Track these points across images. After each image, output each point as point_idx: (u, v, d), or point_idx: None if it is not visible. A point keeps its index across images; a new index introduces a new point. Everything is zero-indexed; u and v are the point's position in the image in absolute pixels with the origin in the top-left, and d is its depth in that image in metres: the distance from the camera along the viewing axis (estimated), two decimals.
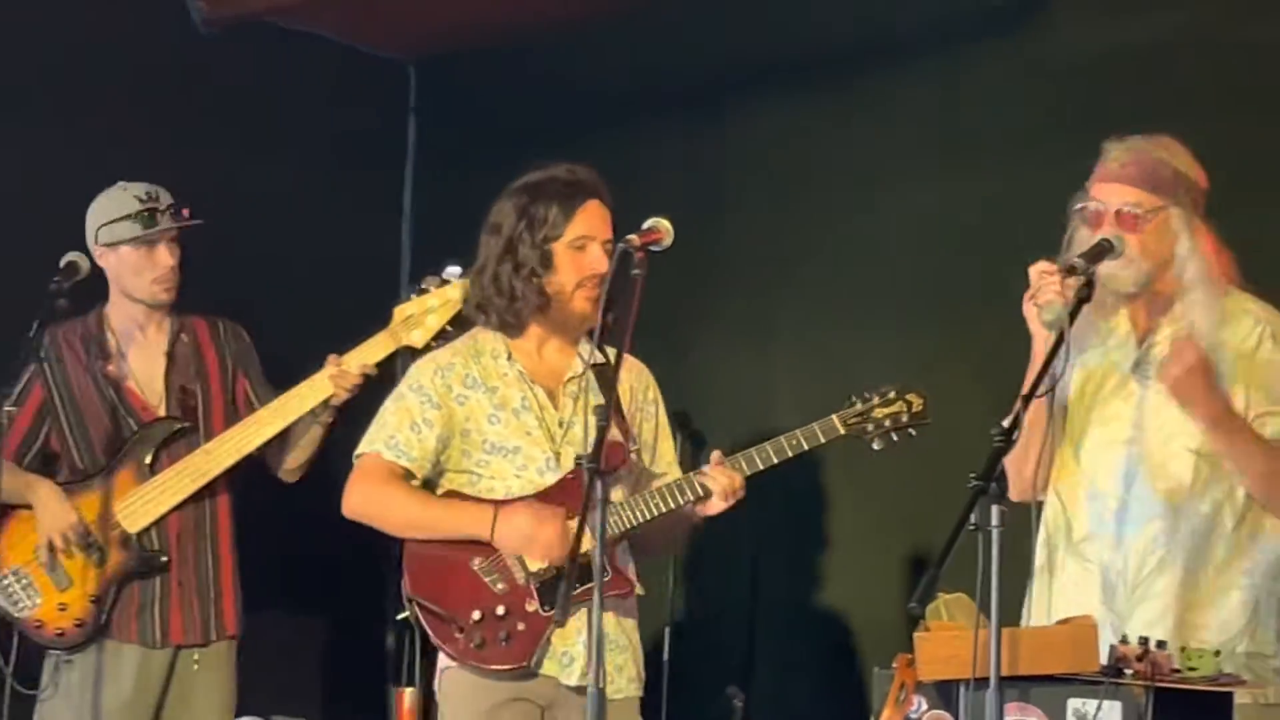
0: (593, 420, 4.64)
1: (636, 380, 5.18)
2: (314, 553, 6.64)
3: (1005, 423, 4.10)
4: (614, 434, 4.89)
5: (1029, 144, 7.16)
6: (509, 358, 5.03)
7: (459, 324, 5.39)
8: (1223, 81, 6.88)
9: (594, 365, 5.02)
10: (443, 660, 5.01)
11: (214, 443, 5.99)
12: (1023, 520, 4.57)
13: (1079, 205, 4.55)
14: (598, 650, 4.20)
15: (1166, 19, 6.99)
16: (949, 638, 4.14)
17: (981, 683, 3.94)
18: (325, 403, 5.89)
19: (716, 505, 4.90)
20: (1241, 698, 4.27)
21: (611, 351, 5.00)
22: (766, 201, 7.18)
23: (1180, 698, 4.08)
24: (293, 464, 6.11)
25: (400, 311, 5.68)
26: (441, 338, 5.43)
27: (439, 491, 5.05)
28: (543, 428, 5.01)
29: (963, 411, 5.07)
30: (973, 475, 4.00)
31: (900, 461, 7.02)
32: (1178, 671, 4.12)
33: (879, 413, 4.89)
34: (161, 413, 6.06)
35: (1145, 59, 7.04)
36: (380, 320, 5.70)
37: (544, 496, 4.93)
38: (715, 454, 4.94)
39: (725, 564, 6.71)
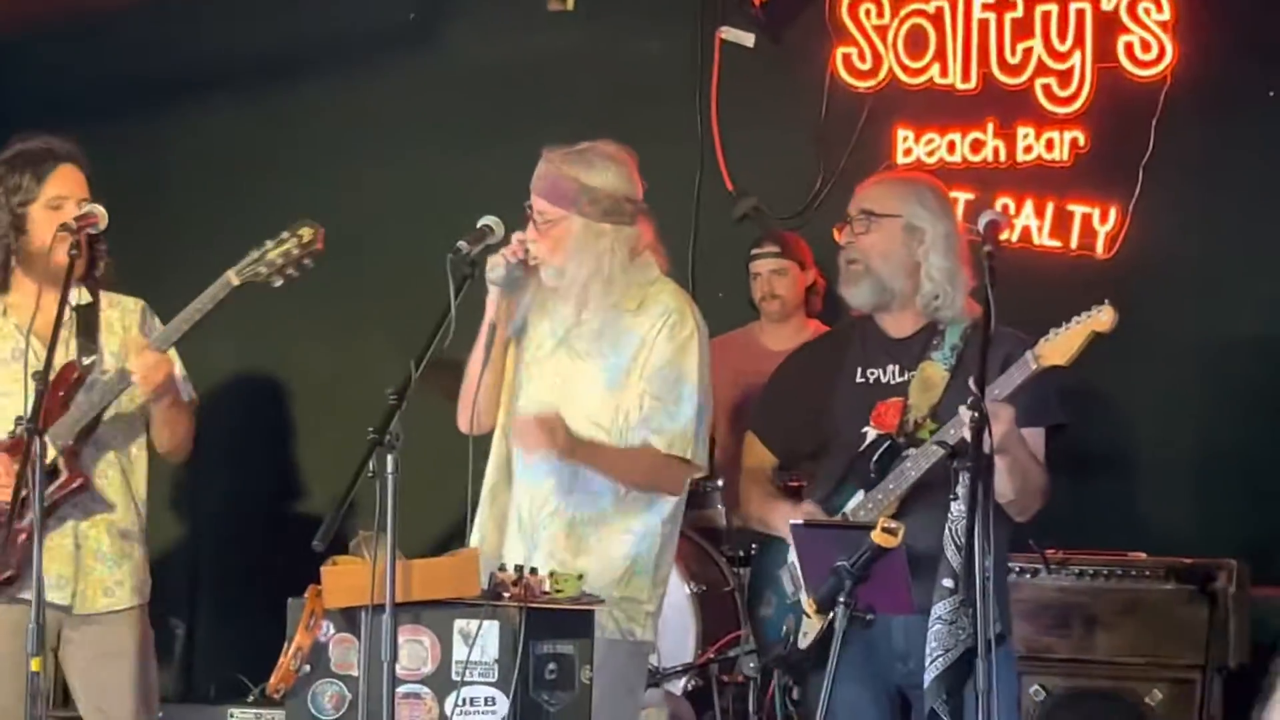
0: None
1: (123, 317, 4.93)
2: None
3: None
4: (70, 356, 4.74)
5: (442, 140, 7.22)
6: (3, 313, 4.77)
7: None
8: (607, 89, 7.07)
9: (79, 306, 4.82)
10: None
11: None
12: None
13: (527, 205, 4.54)
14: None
15: (558, 36, 7.14)
16: (352, 570, 4.12)
17: (379, 608, 3.93)
18: None
19: (144, 387, 4.69)
20: (613, 635, 4.40)
21: (114, 297, 4.87)
22: (205, 195, 7.08)
23: (550, 615, 4.15)
24: None
25: None
26: None
27: None
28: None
29: (387, 371, 5.03)
30: (371, 429, 3.96)
31: (332, 417, 7.03)
32: (547, 593, 4.19)
33: (272, 255, 4.72)
34: None
35: (540, 69, 7.18)
36: None
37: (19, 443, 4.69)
38: (139, 340, 4.76)
39: (176, 507, 6.61)
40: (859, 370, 4.52)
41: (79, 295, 4.85)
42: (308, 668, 4.20)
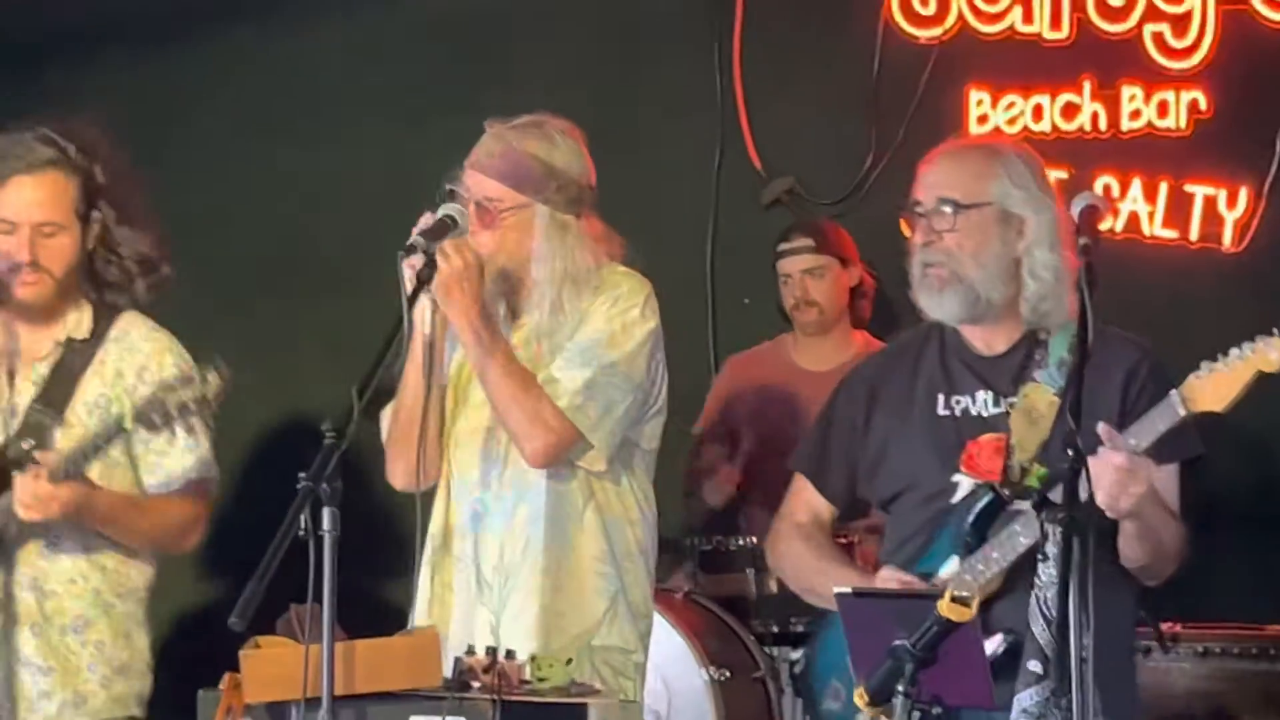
0: None
1: (126, 359, 4.93)
2: None
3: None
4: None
5: (393, 108, 7.24)
6: None
7: None
8: (600, 45, 7.08)
9: (68, 341, 4.86)
10: None
11: None
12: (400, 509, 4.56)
13: (449, 187, 4.56)
14: None
15: None
16: (278, 654, 4.08)
17: (314, 703, 3.90)
18: None
19: (24, 516, 4.69)
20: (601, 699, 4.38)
21: (134, 322, 4.88)
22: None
23: (531, 710, 4.11)
24: None
25: None
26: None
27: None
28: None
29: (323, 397, 5.03)
30: (303, 475, 3.91)
31: (256, 459, 7.01)
32: (528, 682, 4.16)
33: (171, 400, 4.66)
34: None
35: (516, 20, 7.21)
36: None
37: None
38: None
39: None
40: (941, 399, 4.45)
41: (75, 325, 4.87)
42: None
